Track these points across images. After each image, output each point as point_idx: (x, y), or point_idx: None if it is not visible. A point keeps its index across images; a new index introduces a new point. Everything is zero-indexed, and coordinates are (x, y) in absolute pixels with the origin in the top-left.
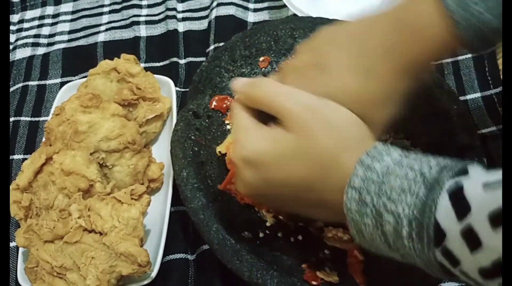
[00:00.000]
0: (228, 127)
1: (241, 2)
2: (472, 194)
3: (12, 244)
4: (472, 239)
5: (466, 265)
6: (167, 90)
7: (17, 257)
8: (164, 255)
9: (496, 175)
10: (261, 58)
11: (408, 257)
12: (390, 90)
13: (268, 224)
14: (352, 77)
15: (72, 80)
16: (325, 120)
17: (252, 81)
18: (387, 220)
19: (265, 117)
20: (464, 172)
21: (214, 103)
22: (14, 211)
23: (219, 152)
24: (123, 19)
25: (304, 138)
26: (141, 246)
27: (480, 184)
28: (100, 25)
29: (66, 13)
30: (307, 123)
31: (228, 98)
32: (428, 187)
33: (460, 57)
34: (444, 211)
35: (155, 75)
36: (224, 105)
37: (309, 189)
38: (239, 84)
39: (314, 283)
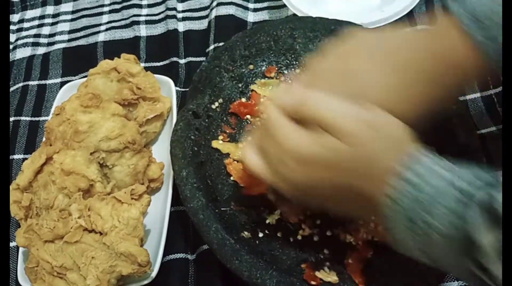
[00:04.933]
0: (228, 131)
1: (241, 2)
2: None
3: (12, 244)
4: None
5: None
6: (167, 90)
7: (17, 257)
8: (164, 255)
9: None
10: (267, 67)
11: (441, 263)
12: (415, 114)
13: (267, 222)
14: (383, 94)
15: (72, 80)
16: (377, 131)
17: (298, 93)
18: (421, 228)
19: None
20: (494, 182)
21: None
22: (14, 211)
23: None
24: (123, 19)
25: (360, 153)
26: (141, 246)
27: None
28: (100, 24)
29: (66, 13)
30: (362, 139)
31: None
32: (461, 199)
33: None
34: (476, 225)
35: (155, 75)
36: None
37: (350, 191)
38: (284, 97)
39: (313, 283)
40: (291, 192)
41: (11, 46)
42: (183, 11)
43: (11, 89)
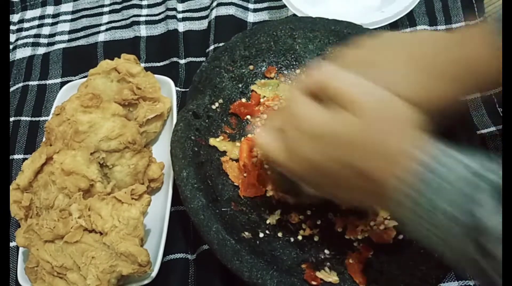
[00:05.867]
0: (228, 131)
1: (241, 2)
2: None
3: (12, 244)
4: None
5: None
6: (167, 90)
7: (17, 257)
8: (164, 254)
9: None
10: (267, 68)
11: (442, 247)
12: (429, 110)
13: (268, 222)
14: (404, 85)
15: (72, 80)
16: (393, 110)
17: (318, 67)
18: (427, 211)
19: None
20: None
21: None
22: (14, 211)
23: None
24: (123, 19)
25: (373, 128)
26: (142, 246)
27: None
28: (100, 25)
29: (66, 13)
30: (377, 114)
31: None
32: (473, 181)
33: None
34: (486, 206)
35: (155, 75)
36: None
37: (360, 173)
38: (307, 78)
39: (313, 283)
40: (302, 172)
41: (11, 46)
42: (183, 11)
43: (11, 89)
